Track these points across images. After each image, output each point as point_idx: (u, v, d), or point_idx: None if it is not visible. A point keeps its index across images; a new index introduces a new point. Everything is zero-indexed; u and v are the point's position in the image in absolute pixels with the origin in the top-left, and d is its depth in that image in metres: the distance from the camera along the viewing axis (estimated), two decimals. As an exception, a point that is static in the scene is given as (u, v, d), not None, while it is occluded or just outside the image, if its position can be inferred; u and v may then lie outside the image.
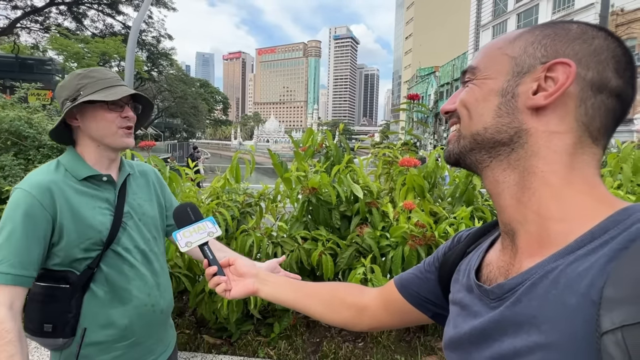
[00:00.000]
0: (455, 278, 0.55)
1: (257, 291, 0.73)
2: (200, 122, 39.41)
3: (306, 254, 2.03)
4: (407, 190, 2.12)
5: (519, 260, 0.43)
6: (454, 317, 0.51)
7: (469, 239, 0.58)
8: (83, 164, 0.97)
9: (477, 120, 0.45)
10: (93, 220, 0.93)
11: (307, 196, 2.10)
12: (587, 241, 0.38)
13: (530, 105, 0.42)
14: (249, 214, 2.38)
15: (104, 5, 21.23)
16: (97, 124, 0.95)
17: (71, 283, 0.92)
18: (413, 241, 1.83)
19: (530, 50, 0.43)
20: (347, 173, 2.16)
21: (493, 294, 0.43)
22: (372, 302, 0.69)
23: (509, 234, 0.46)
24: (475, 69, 0.47)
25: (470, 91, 0.46)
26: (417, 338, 2.29)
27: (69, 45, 14.77)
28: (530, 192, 0.42)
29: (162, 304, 1.05)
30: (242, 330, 2.28)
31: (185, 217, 0.78)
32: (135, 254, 1.00)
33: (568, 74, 0.40)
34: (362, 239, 2.01)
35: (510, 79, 0.43)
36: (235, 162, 2.46)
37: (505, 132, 0.43)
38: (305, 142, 2.36)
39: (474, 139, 0.45)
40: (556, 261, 0.38)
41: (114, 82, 0.97)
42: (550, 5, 28.49)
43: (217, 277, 0.73)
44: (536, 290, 0.38)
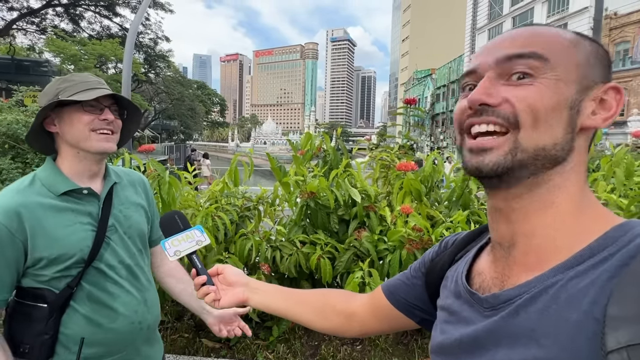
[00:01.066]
0: (444, 284, 0.55)
1: (247, 300, 0.73)
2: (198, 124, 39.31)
3: (305, 257, 2.05)
4: (404, 194, 2.14)
5: (516, 272, 0.43)
6: (441, 322, 0.51)
7: (457, 245, 0.58)
8: (61, 177, 0.91)
9: (546, 131, 0.38)
10: (72, 239, 0.88)
11: (305, 200, 2.12)
12: (586, 257, 0.38)
13: (587, 126, 0.40)
14: (248, 217, 2.39)
15: (101, 7, 21.19)
16: (73, 127, 0.89)
17: (49, 302, 0.87)
18: (410, 245, 1.85)
19: (593, 61, 0.40)
20: (345, 177, 2.19)
21: (487, 303, 0.43)
22: (361, 308, 0.69)
23: (504, 246, 0.44)
24: (545, 61, 0.39)
25: (544, 94, 0.38)
26: (415, 341, 2.31)
27: (66, 47, 14.74)
28: (553, 206, 0.41)
29: (150, 319, 1.00)
30: (240, 334, 2.28)
31: (173, 226, 0.76)
32: (119, 270, 0.96)
33: (618, 101, 0.40)
34: (360, 243, 2.03)
35: (580, 90, 0.39)
36: (234, 165, 2.47)
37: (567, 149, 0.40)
38: (304, 145, 2.38)
39: (537, 154, 0.39)
40: (556, 276, 0.38)
41: (94, 85, 0.92)
42: (545, 8, 28.79)
43: (206, 286, 0.72)
44: (536, 304, 0.38)
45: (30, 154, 3.35)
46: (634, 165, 2.29)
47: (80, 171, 0.94)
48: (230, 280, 0.74)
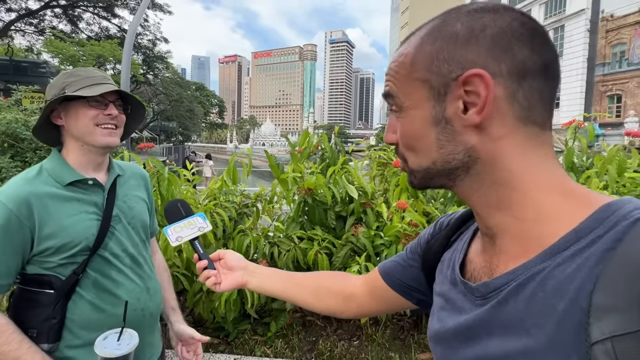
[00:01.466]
0: (440, 268, 0.55)
1: (246, 283, 0.75)
2: (196, 126, 39.32)
3: (302, 253, 2.08)
4: (400, 191, 2.17)
5: (504, 261, 0.43)
6: (438, 309, 0.51)
7: (451, 227, 0.58)
8: (67, 168, 0.94)
9: (423, 156, 0.44)
10: (78, 227, 0.91)
11: (303, 197, 2.15)
12: (573, 241, 0.36)
13: (467, 125, 0.40)
14: (246, 214, 2.42)
15: (99, 8, 21.20)
16: (78, 121, 0.93)
17: (55, 288, 0.90)
18: (406, 240, 1.88)
19: (434, 69, 0.41)
20: (342, 174, 2.22)
21: (478, 292, 0.43)
22: (358, 289, 0.71)
23: (489, 235, 0.45)
24: (396, 99, 0.44)
25: (404, 128, 0.44)
26: (412, 336, 2.33)
27: (65, 48, 14.74)
28: (500, 200, 0.41)
29: (152, 307, 1.04)
30: (239, 330, 2.31)
31: (175, 213, 0.79)
32: (123, 259, 0.99)
33: (485, 83, 0.38)
34: (357, 239, 2.06)
35: (435, 104, 0.41)
36: (232, 164, 2.50)
37: (454, 159, 0.41)
38: (302, 144, 2.41)
39: (427, 172, 0.44)
40: (543, 262, 0.38)
41: (100, 80, 0.95)
42: (542, 10, 28.99)
43: (207, 270, 0.75)
44: (523, 292, 0.38)
45: (29, 153, 3.37)
46: (626, 162, 2.33)
47: (85, 163, 0.97)
48: (230, 265, 0.77)
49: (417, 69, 0.42)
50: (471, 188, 0.43)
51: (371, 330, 2.32)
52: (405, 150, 0.46)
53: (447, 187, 0.46)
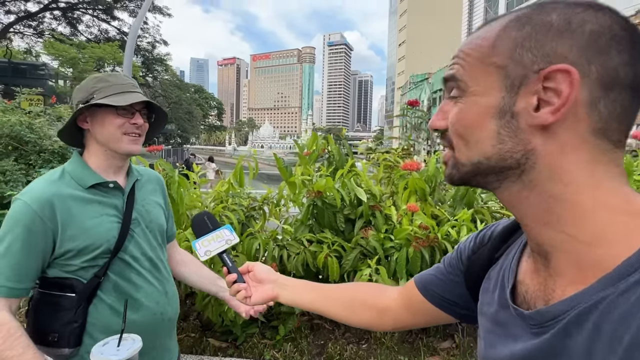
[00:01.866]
0: (485, 287, 0.51)
1: (277, 296, 0.73)
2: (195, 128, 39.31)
3: (312, 256, 2.07)
4: (409, 194, 2.17)
5: (560, 285, 0.39)
6: (487, 332, 0.47)
7: (493, 243, 0.53)
8: (89, 171, 0.95)
9: (475, 149, 0.39)
10: (100, 229, 0.92)
11: (312, 199, 2.14)
12: (637, 266, 0.33)
13: (535, 124, 0.36)
14: (254, 217, 2.41)
15: (99, 10, 21.21)
16: (104, 128, 0.94)
17: (77, 292, 0.90)
18: (417, 243, 1.88)
19: (516, 56, 0.36)
20: (350, 177, 2.22)
21: (533, 320, 0.40)
22: (394, 302, 0.67)
23: (541, 253, 0.41)
24: (461, 82, 0.40)
25: (461, 115, 0.40)
26: (420, 339, 2.33)
27: (65, 50, 14.72)
28: (555, 216, 0.37)
29: (170, 312, 1.04)
30: (247, 333, 2.29)
31: (203, 226, 0.79)
32: (142, 262, 0.99)
33: (570, 81, 0.34)
34: (367, 241, 2.06)
35: (505, 95, 0.37)
36: (240, 167, 2.50)
37: (510, 157, 0.37)
38: (310, 146, 2.41)
39: (476, 167, 0.40)
40: (605, 289, 0.34)
41: (129, 88, 0.97)
42: (539, 14, 29.16)
43: (237, 284, 0.74)
44: (586, 322, 0.34)
45: (33, 155, 3.36)
46: (632, 165, 2.35)
47: (107, 167, 0.98)
48: (260, 277, 0.75)
49: (496, 54, 0.38)
50: (519, 195, 0.39)
51: (380, 333, 2.32)
52: (457, 139, 0.41)
53: (490, 187, 0.42)
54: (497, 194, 0.41)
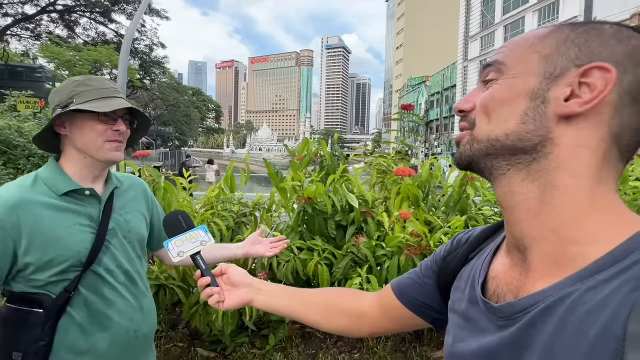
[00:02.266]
0: (457, 286, 0.53)
1: (252, 301, 0.71)
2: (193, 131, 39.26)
3: (302, 264, 2.03)
4: (402, 200, 2.13)
5: (532, 279, 0.40)
6: (456, 328, 0.49)
7: (470, 244, 0.55)
8: (64, 177, 0.90)
9: (498, 125, 0.40)
10: (71, 240, 0.86)
11: (302, 206, 2.10)
12: (609, 265, 0.35)
13: (562, 113, 0.37)
14: (244, 224, 2.37)
15: (96, 13, 21.21)
16: (85, 135, 0.89)
17: (45, 307, 0.84)
18: (409, 251, 1.84)
19: (563, 49, 0.39)
20: (342, 183, 2.18)
21: (501, 313, 0.41)
22: (371, 308, 0.67)
23: (520, 249, 0.42)
24: (502, 66, 0.42)
25: (495, 93, 0.41)
26: (414, 348, 2.28)
27: (61, 53, 14.67)
28: (550, 207, 0.38)
29: (145, 328, 0.98)
30: (236, 343, 2.24)
31: (176, 226, 0.75)
32: (118, 276, 0.94)
33: (608, 80, 0.35)
34: (358, 249, 2.01)
35: (542, 82, 0.39)
36: (230, 171, 2.46)
37: (529, 140, 0.39)
38: (301, 151, 2.37)
39: (491, 144, 0.41)
40: (574, 285, 0.36)
41: (111, 93, 0.92)
42: (536, 17, 29.44)
43: (209, 288, 0.70)
44: (552, 315, 0.36)
45: (22, 160, 3.31)
46: (628, 170, 2.32)
47: (84, 174, 0.93)
48: (234, 281, 0.72)
49: (545, 45, 0.40)
50: (522, 183, 0.40)
51: (372, 342, 2.27)
52: (481, 114, 0.43)
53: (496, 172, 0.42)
54: (500, 180, 0.42)
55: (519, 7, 31.01)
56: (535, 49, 0.40)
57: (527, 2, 30.25)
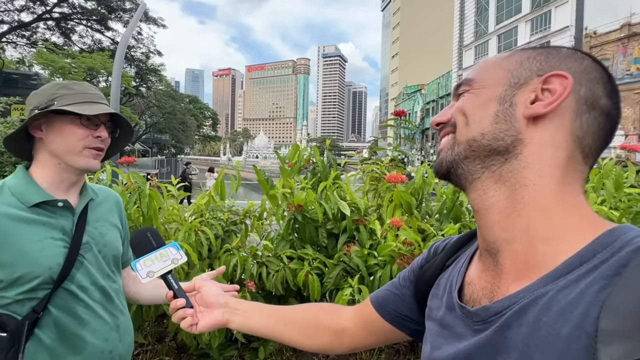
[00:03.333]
0: (435, 293, 0.53)
1: (227, 322, 0.66)
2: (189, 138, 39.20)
3: (292, 273, 1.96)
4: (394, 207, 2.09)
5: (505, 282, 0.42)
6: (433, 335, 0.49)
7: (447, 251, 0.56)
8: (34, 187, 0.84)
9: (475, 125, 0.44)
10: (41, 255, 0.80)
11: (293, 214, 2.05)
12: (577, 265, 0.36)
13: (528, 114, 0.41)
14: (234, 232, 2.30)
15: (93, 21, 21.27)
16: (63, 138, 0.84)
17: (9, 331, 0.77)
18: (401, 260, 1.79)
19: (526, 63, 0.44)
20: (334, 190, 2.13)
21: (477, 317, 0.42)
22: (350, 323, 0.66)
23: (491, 252, 0.44)
24: (472, 81, 0.47)
25: (468, 99, 0.46)
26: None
27: (55, 59, 14.62)
28: (520, 206, 0.41)
29: (121, 348, 0.92)
30: (225, 356, 2.16)
31: (145, 244, 0.69)
32: (92, 293, 0.88)
33: (565, 85, 0.40)
34: (350, 258, 1.96)
35: (508, 89, 0.43)
36: (221, 178, 2.40)
37: (502, 139, 0.42)
38: (292, 158, 2.33)
39: (469, 145, 0.44)
40: (545, 286, 0.37)
41: (95, 99, 0.88)
42: (528, 27, 30.00)
43: (182, 310, 0.64)
44: (526, 316, 0.37)
45: (8, 167, 3.23)
46: (623, 176, 2.30)
47: (57, 182, 0.87)
48: (208, 301, 0.67)
49: (509, 62, 0.45)
50: (494, 185, 0.43)
51: (366, 355, 2.20)
52: (459, 117, 0.46)
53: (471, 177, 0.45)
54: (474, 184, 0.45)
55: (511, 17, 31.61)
56: (501, 66, 0.46)
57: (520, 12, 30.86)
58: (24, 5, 19.18)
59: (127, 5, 21.42)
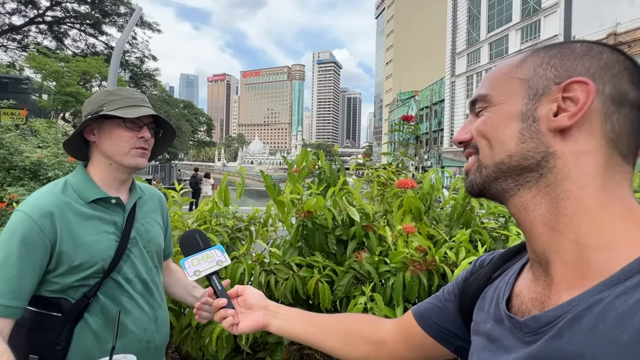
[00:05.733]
0: (480, 306, 0.51)
1: (267, 325, 0.70)
2: (184, 144, 38.88)
3: (301, 282, 1.92)
4: (404, 213, 2.06)
5: (556, 291, 0.40)
6: (480, 349, 0.47)
7: (494, 263, 0.55)
8: (92, 185, 0.94)
9: (499, 148, 0.43)
10: (98, 247, 0.89)
11: (302, 220, 2.01)
12: (636, 271, 0.34)
13: (554, 128, 0.40)
14: (239, 239, 2.25)
15: (86, 25, 21.11)
16: (112, 141, 0.94)
17: (64, 312, 0.86)
18: (414, 267, 1.75)
19: (541, 71, 0.42)
20: (342, 195, 2.10)
21: (527, 327, 0.40)
22: (390, 335, 0.65)
23: (541, 263, 0.42)
24: (487, 96, 0.45)
25: (487, 119, 0.44)
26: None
27: (48, 63, 14.42)
28: (566, 218, 0.39)
29: (158, 339, 1.00)
30: (230, 368, 2.09)
31: (193, 244, 0.75)
32: (135, 285, 0.96)
33: (587, 91, 0.38)
34: (360, 265, 1.92)
35: (528, 102, 0.41)
36: (225, 184, 2.35)
37: (532, 157, 0.40)
38: (299, 163, 2.30)
39: (498, 167, 0.43)
40: (601, 293, 0.35)
41: (138, 102, 0.96)
42: (518, 35, 30.66)
43: (224, 310, 0.68)
44: (580, 325, 0.35)
45: (2, 172, 3.13)
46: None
47: (111, 181, 0.96)
48: (249, 303, 0.71)
49: (523, 70, 0.43)
50: (533, 200, 0.41)
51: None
52: (481, 141, 0.45)
53: (507, 194, 0.43)
54: (512, 201, 0.43)
55: (502, 25, 32.29)
56: (515, 75, 0.43)
57: (510, 21, 31.54)
58: (15, 9, 18.98)
59: (121, 10, 21.32)
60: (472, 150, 0.46)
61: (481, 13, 34.87)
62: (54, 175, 3.12)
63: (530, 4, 29.32)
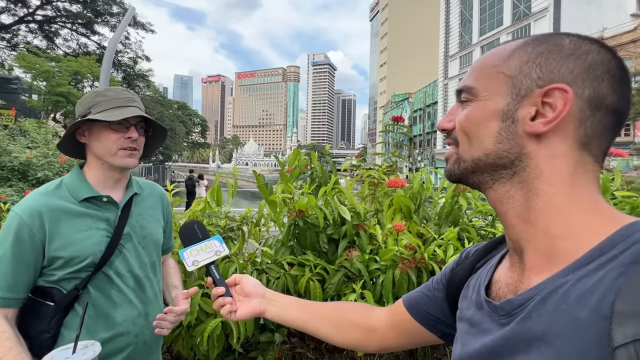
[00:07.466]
0: (464, 294, 0.54)
1: (264, 312, 0.72)
2: (177, 145, 38.56)
3: (293, 280, 1.93)
4: (394, 212, 2.09)
5: (528, 276, 0.43)
6: (462, 334, 0.50)
7: (477, 254, 0.58)
8: (84, 184, 0.97)
9: (478, 146, 0.45)
10: (87, 242, 0.92)
11: (293, 219, 2.03)
12: (596, 256, 0.37)
13: (530, 132, 0.41)
14: (231, 239, 2.26)
15: (78, 24, 20.87)
16: (100, 142, 0.96)
17: (56, 301, 0.90)
18: (403, 264, 1.78)
19: (526, 70, 0.42)
20: (334, 194, 2.12)
21: (502, 310, 0.43)
22: (381, 322, 0.68)
23: (516, 250, 0.45)
24: (473, 89, 0.46)
25: (470, 114, 0.46)
26: (408, 367, 2.19)
27: (38, 62, 14.20)
28: (536, 212, 0.42)
29: (147, 335, 1.01)
30: (222, 367, 2.09)
31: (192, 235, 0.77)
32: (127, 279, 0.98)
33: (565, 100, 0.39)
34: (351, 263, 1.94)
35: (510, 102, 0.43)
36: (217, 184, 2.36)
37: (507, 157, 0.43)
38: (291, 163, 2.32)
39: (475, 163, 0.45)
40: (566, 276, 0.38)
41: (125, 102, 0.97)
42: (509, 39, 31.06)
43: (222, 298, 0.71)
44: (546, 306, 0.38)
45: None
46: (609, 180, 2.37)
47: (103, 180, 0.99)
48: (247, 291, 0.73)
49: (510, 65, 0.44)
50: (507, 194, 0.44)
51: (365, 359, 2.17)
52: (462, 136, 0.47)
53: (483, 186, 0.46)
54: (488, 192, 0.47)
55: (494, 29, 32.74)
56: (501, 70, 0.44)
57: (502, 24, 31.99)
58: (4, 7, 18.69)
59: (114, 10, 21.13)
60: (453, 141, 0.49)
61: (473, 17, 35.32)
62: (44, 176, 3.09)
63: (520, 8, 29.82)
